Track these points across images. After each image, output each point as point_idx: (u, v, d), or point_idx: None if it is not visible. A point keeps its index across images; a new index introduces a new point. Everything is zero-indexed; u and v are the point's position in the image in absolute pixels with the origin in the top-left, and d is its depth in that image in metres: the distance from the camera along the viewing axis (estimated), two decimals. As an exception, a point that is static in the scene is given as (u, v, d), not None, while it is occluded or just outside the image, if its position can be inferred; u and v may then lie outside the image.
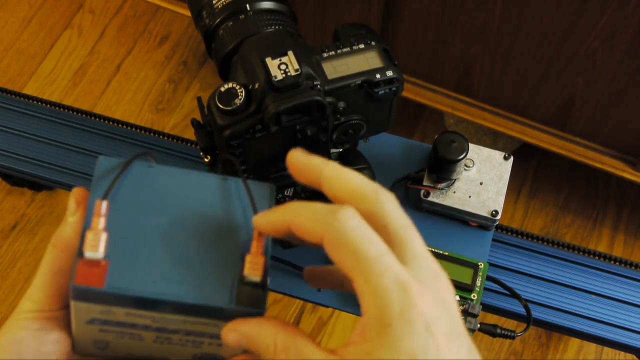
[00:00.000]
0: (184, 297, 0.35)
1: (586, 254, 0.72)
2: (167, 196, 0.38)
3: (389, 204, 0.34)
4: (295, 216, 0.35)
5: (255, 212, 0.37)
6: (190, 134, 1.12)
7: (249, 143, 0.53)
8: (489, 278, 0.66)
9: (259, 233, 0.36)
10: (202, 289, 0.35)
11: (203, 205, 0.38)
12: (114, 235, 0.35)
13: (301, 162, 0.37)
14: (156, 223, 0.37)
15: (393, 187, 0.69)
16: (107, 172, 0.38)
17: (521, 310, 0.67)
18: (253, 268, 0.36)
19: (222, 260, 0.36)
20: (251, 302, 0.35)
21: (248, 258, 0.36)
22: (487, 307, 0.69)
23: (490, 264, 0.70)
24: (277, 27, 0.57)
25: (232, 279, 0.36)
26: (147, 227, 0.36)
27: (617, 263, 0.71)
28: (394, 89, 0.55)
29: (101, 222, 0.35)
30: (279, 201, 0.65)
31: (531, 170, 1.42)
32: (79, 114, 0.82)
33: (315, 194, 0.66)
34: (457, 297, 0.63)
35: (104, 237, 0.35)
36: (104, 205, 0.36)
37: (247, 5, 0.57)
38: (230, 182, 0.39)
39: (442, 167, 0.65)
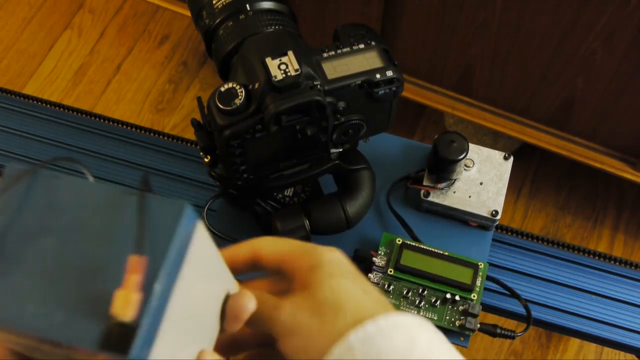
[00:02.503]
0: (50, 333, 0.31)
1: (586, 254, 0.72)
2: (62, 215, 0.33)
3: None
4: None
5: (140, 238, 0.32)
6: (190, 134, 1.12)
7: (249, 143, 0.53)
8: (489, 278, 0.66)
9: (136, 262, 0.31)
10: (72, 325, 0.31)
11: (97, 227, 0.33)
12: None
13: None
14: (41, 245, 0.33)
15: (393, 187, 0.69)
16: (12, 182, 0.34)
17: (521, 310, 0.67)
18: (122, 306, 0.30)
19: (103, 293, 0.31)
20: (116, 346, 0.30)
21: (117, 294, 0.30)
22: (487, 307, 0.69)
23: (490, 264, 0.70)
24: (277, 27, 0.57)
25: (107, 316, 0.31)
26: (30, 249, 0.33)
27: (617, 263, 0.71)
28: (394, 89, 0.55)
29: None
30: (280, 201, 0.65)
31: (531, 170, 1.42)
32: (79, 114, 0.82)
33: (314, 194, 0.66)
34: (457, 297, 0.63)
35: None
36: None
37: (247, 5, 0.57)
38: (141, 198, 0.33)
39: (442, 167, 0.65)
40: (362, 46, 0.55)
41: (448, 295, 0.63)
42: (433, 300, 0.63)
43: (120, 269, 0.31)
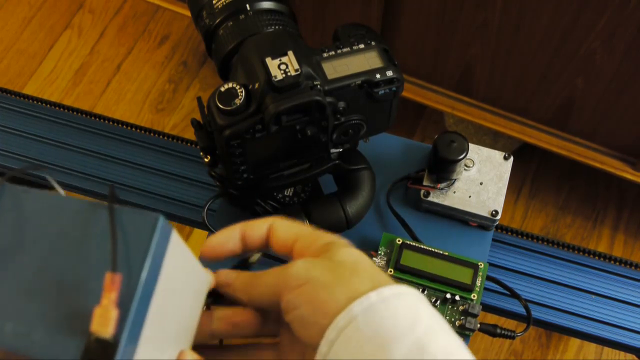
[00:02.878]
0: (30, 351, 0.31)
1: (586, 254, 0.72)
2: (34, 231, 0.33)
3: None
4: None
5: (114, 254, 0.32)
6: (190, 134, 1.12)
7: (249, 143, 0.53)
8: (489, 278, 0.66)
9: (112, 280, 0.31)
10: (52, 343, 0.31)
11: (71, 243, 0.33)
12: None
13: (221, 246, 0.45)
14: (16, 263, 0.33)
15: (393, 187, 0.69)
16: None
17: (521, 310, 0.67)
18: (101, 323, 0.30)
19: (82, 310, 0.31)
20: None
21: (96, 311, 0.31)
22: (487, 307, 0.68)
23: (490, 264, 0.70)
24: (277, 27, 0.57)
25: (86, 333, 0.31)
26: (4, 266, 0.33)
27: (617, 263, 0.71)
28: (394, 89, 0.55)
29: None
30: (280, 202, 0.65)
31: (531, 170, 1.42)
32: (79, 114, 0.82)
33: (314, 194, 0.66)
34: (457, 297, 0.63)
35: None
36: None
37: (247, 5, 0.57)
38: (110, 211, 0.33)
39: (442, 167, 0.65)
40: (362, 46, 0.55)
41: (448, 295, 0.63)
42: (433, 300, 0.63)
43: (98, 285, 0.31)
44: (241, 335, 0.44)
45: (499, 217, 0.65)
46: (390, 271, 0.64)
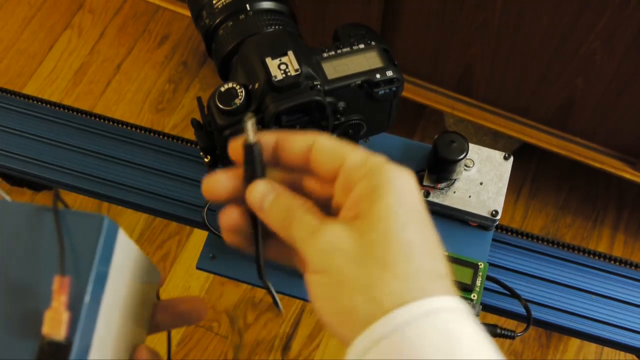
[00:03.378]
0: None
1: (586, 254, 0.72)
2: None
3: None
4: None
5: (63, 254, 0.32)
6: (190, 134, 1.12)
7: (249, 143, 0.53)
8: (489, 278, 0.66)
9: (61, 283, 0.32)
10: (6, 346, 0.31)
11: (19, 247, 0.33)
12: None
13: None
14: None
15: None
16: None
17: (521, 310, 0.67)
18: (52, 326, 0.31)
19: (33, 314, 0.32)
20: None
21: (47, 314, 0.31)
22: (487, 307, 0.68)
23: (490, 264, 0.70)
24: (277, 27, 0.57)
25: (39, 336, 0.31)
26: None
27: (617, 263, 0.71)
28: (394, 89, 0.55)
29: None
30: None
31: (531, 170, 1.42)
32: (79, 114, 0.82)
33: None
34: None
35: None
36: None
37: (247, 5, 0.57)
38: (55, 215, 0.33)
39: (442, 167, 0.65)
40: (362, 46, 0.55)
41: (448, 295, 0.62)
42: (433, 300, 0.63)
43: (48, 288, 0.32)
44: (186, 324, 0.42)
45: (499, 217, 0.65)
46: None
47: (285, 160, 0.38)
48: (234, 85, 0.52)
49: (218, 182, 0.38)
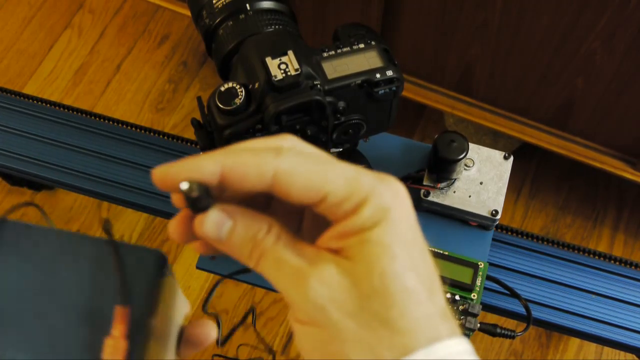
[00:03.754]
0: None
1: (586, 254, 0.72)
2: (36, 264, 0.35)
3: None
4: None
5: (124, 285, 0.34)
6: (190, 134, 1.12)
7: (249, 143, 0.53)
8: (489, 278, 0.66)
9: (121, 313, 0.34)
10: None
11: (75, 276, 0.35)
12: None
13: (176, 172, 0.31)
14: (20, 293, 0.35)
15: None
16: None
17: (521, 310, 0.67)
18: (112, 353, 0.33)
19: (90, 342, 0.34)
20: None
21: (107, 342, 0.33)
22: (487, 307, 0.69)
23: (490, 264, 0.70)
24: (277, 27, 0.57)
25: None
26: (9, 298, 0.35)
27: (617, 263, 0.71)
28: (394, 88, 0.55)
29: None
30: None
31: (531, 170, 1.42)
32: (79, 114, 0.82)
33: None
34: (457, 297, 0.63)
35: None
36: None
37: (247, 5, 0.57)
38: (114, 248, 0.35)
39: (442, 167, 0.65)
40: (362, 46, 0.55)
41: (448, 295, 0.63)
42: (433, 300, 0.63)
43: (106, 317, 0.34)
44: (195, 350, 0.41)
45: (499, 216, 0.65)
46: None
47: (236, 191, 0.31)
48: (234, 85, 0.52)
49: (174, 231, 0.34)
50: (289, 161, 0.29)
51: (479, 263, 0.64)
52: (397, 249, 0.30)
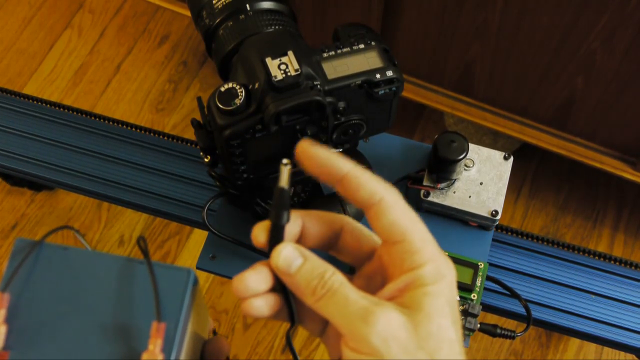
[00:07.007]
0: None
1: (586, 254, 0.72)
2: (74, 284, 0.37)
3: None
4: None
5: (158, 306, 0.36)
6: (190, 134, 1.12)
7: (249, 143, 0.53)
8: (489, 278, 0.66)
9: (157, 328, 0.36)
10: None
11: (110, 294, 0.37)
12: (17, 325, 0.36)
13: (319, 157, 0.37)
14: (60, 312, 0.37)
15: (393, 187, 0.69)
16: (20, 255, 0.38)
17: (521, 310, 0.67)
18: None
19: (127, 356, 0.36)
20: None
21: (144, 356, 0.35)
22: (487, 307, 0.69)
23: (490, 264, 0.70)
24: (277, 27, 0.57)
25: None
26: (50, 316, 0.37)
27: (617, 263, 0.71)
28: (394, 88, 0.55)
29: (0, 315, 0.36)
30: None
31: (531, 170, 1.42)
32: (79, 114, 0.82)
33: (314, 194, 0.66)
34: (457, 297, 0.62)
35: (3, 329, 0.36)
36: (4, 298, 0.37)
37: (247, 5, 0.57)
38: (143, 266, 0.38)
39: (442, 167, 0.65)
40: (362, 46, 0.55)
41: (448, 295, 0.63)
42: (433, 300, 0.63)
43: (143, 333, 0.36)
44: None
45: (499, 217, 0.65)
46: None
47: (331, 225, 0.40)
48: (234, 85, 0.52)
49: (250, 282, 0.37)
50: (394, 196, 0.37)
51: (479, 263, 0.64)
52: (449, 309, 0.36)
